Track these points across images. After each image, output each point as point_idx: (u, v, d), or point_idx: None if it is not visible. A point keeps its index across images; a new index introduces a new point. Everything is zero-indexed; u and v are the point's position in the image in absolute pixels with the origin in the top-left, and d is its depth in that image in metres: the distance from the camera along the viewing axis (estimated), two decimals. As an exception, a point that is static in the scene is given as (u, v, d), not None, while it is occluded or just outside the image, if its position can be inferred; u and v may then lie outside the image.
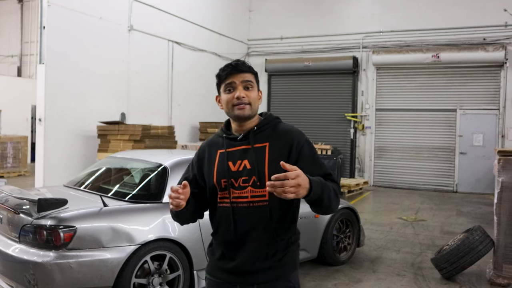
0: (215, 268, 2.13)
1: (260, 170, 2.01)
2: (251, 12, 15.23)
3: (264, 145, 2.07)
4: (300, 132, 2.14)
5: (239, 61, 2.14)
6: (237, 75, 2.07)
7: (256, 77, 2.13)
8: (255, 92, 2.09)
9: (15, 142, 13.72)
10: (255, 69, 2.16)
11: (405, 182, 13.21)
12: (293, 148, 2.05)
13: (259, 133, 2.09)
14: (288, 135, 2.09)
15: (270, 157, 2.03)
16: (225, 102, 2.09)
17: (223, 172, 2.07)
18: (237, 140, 2.10)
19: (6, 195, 4.10)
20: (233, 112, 2.06)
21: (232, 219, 2.03)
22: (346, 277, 5.19)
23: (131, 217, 3.97)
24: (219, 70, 2.13)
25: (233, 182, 2.05)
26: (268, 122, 2.14)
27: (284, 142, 2.07)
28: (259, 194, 2.02)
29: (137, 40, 10.33)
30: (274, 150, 2.05)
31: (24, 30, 19.31)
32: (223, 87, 2.10)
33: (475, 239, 5.01)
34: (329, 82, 14.16)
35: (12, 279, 3.74)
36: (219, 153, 2.12)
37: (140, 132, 8.68)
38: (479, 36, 12.32)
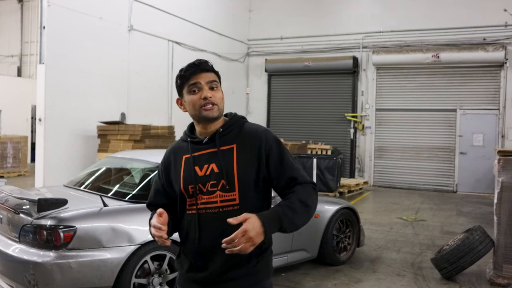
0: (186, 280, 2.02)
1: (229, 173, 1.93)
2: (251, 12, 15.23)
3: (231, 147, 1.99)
4: (267, 131, 2.06)
5: (202, 60, 2.04)
6: (201, 74, 1.99)
7: (219, 76, 2.05)
8: (220, 93, 2.02)
9: (15, 142, 13.72)
10: (255, 69, 2.15)
11: (405, 182, 13.21)
12: (261, 149, 1.97)
13: (225, 134, 2.01)
14: (256, 135, 2.01)
15: (239, 159, 1.96)
16: (190, 103, 1.99)
17: (190, 178, 1.98)
18: (202, 143, 2.02)
19: (6, 195, 4.10)
20: (200, 113, 1.97)
21: (197, 227, 1.94)
22: (346, 277, 5.19)
23: (131, 217, 3.96)
24: (180, 71, 2.03)
25: (201, 187, 1.96)
26: (234, 122, 2.06)
27: (252, 142, 1.99)
28: (229, 198, 1.93)
29: (137, 40, 10.33)
30: (242, 152, 1.97)
31: (24, 30, 19.31)
32: (186, 88, 1.99)
33: (475, 239, 5.00)
34: (329, 82, 14.17)
35: (12, 279, 3.74)
36: (185, 159, 2.04)
37: (140, 132, 8.68)
38: (479, 36, 12.32)
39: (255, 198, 1.97)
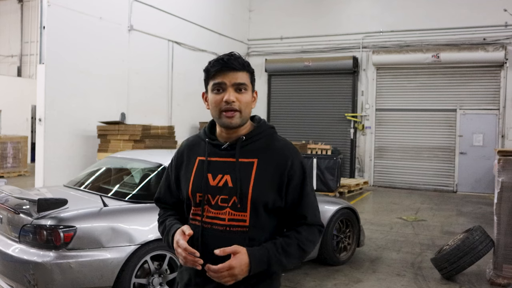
0: None
1: (243, 190, 1.72)
2: (251, 12, 15.24)
3: (252, 161, 1.75)
4: (296, 152, 1.82)
5: (232, 55, 1.77)
6: (228, 73, 1.74)
7: (251, 76, 1.82)
8: (248, 96, 1.77)
9: (15, 142, 13.72)
10: (255, 69, 1.92)
11: (405, 182, 13.21)
12: (285, 172, 1.75)
13: (248, 144, 1.78)
14: (283, 153, 1.77)
15: (257, 176, 1.73)
16: (212, 103, 1.77)
17: (200, 185, 1.78)
18: (221, 149, 1.80)
19: (6, 195, 4.10)
20: (219, 118, 1.76)
21: (200, 242, 1.74)
22: (346, 277, 5.18)
23: (131, 217, 3.97)
24: (208, 63, 1.82)
25: (210, 198, 1.76)
26: (261, 132, 1.82)
27: (277, 162, 1.75)
28: (239, 218, 1.73)
29: (137, 40, 10.33)
30: (263, 169, 1.74)
31: (24, 30, 19.31)
32: (210, 85, 1.78)
33: (475, 239, 5.00)
34: (329, 82, 14.16)
35: (12, 279, 3.74)
36: (198, 161, 1.83)
37: (140, 132, 8.68)
38: (479, 36, 12.32)
39: (267, 222, 1.76)
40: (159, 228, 1.96)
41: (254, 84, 1.84)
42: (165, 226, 1.89)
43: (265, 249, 1.70)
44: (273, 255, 1.70)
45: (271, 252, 1.70)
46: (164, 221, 1.93)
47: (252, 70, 1.82)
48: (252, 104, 1.82)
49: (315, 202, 1.84)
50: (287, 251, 1.73)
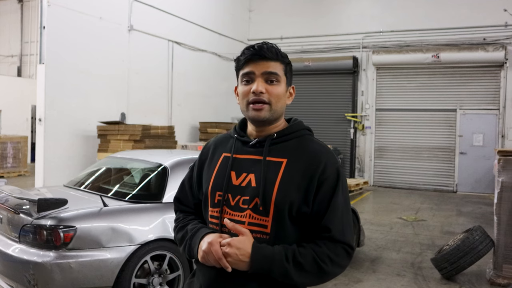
0: None
1: (267, 192, 1.54)
2: (251, 12, 15.24)
3: (281, 161, 1.58)
4: (332, 156, 1.61)
5: (266, 44, 1.60)
6: (258, 63, 1.58)
7: (286, 67, 1.64)
8: (280, 88, 1.60)
9: (15, 142, 13.72)
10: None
11: (405, 182, 13.21)
12: (315, 176, 1.55)
13: (279, 143, 1.62)
14: (316, 156, 1.58)
15: (284, 178, 1.55)
16: (240, 95, 1.63)
17: (221, 183, 1.62)
18: (249, 145, 1.64)
19: (6, 195, 4.10)
20: (247, 111, 1.61)
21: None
22: (346, 277, 5.18)
23: (131, 217, 3.96)
24: (241, 52, 1.65)
25: (230, 198, 1.60)
26: (294, 131, 1.66)
27: (309, 164, 1.56)
28: (260, 223, 1.55)
29: (137, 40, 10.33)
30: (292, 171, 1.56)
31: (24, 30, 19.32)
32: (240, 75, 1.64)
33: (475, 239, 5.01)
34: (329, 82, 14.16)
35: (12, 279, 3.74)
36: (223, 157, 1.68)
37: (140, 132, 8.68)
38: (479, 36, 12.32)
39: (291, 232, 1.56)
40: (178, 234, 1.73)
41: (290, 77, 1.67)
42: (187, 231, 1.68)
43: (272, 250, 1.50)
44: (278, 259, 1.48)
45: (277, 255, 1.49)
46: (185, 226, 1.71)
47: (287, 61, 1.65)
48: (288, 100, 1.67)
49: (347, 218, 1.59)
50: (297, 261, 1.49)
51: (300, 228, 1.58)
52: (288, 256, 1.49)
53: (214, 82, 13.28)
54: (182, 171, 4.41)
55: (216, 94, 13.41)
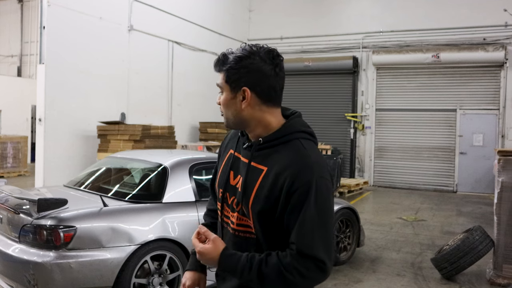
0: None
1: (246, 197, 1.58)
2: (251, 12, 15.24)
3: (262, 169, 1.57)
4: (311, 167, 1.51)
5: (221, 55, 1.62)
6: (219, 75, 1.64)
7: (228, 73, 1.58)
8: (224, 96, 1.62)
9: (15, 142, 13.72)
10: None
11: (405, 182, 13.21)
12: (284, 188, 1.50)
13: (265, 148, 1.60)
14: (292, 166, 1.51)
15: (260, 187, 1.55)
16: None
17: (223, 181, 1.70)
18: (244, 147, 1.67)
19: (6, 195, 4.10)
20: None
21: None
22: (346, 277, 5.18)
23: (131, 217, 3.97)
24: None
25: (227, 197, 1.66)
26: (283, 135, 1.59)
27: (282, 176, 1.51)
28: (245, 224, 1.61)
29: (137, 40, 10.33)
30: (267, 181, 1.54)
31: (24, 30, 19.31)
32: None
33: (475, 239, 5.01)
34: (329, 82, 14.16)
35: (12, 279, 3.74)
36: (229, 153, 1.73)
37: (140, 132, 8.68)
38: (479, 36, 12.32)
39: (276, 231, 1.56)
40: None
41: (237, 80, 1.58)
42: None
43: (237, 260, 1.53)
44: (240, 270, 1.51)
45: (240, 266, 1.51)
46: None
47: (227, 67, 1.58)
48: (242, 104, 1.58)
49: (319, 232, 1.49)
50: (261, 272, 1.49)
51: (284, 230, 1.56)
52: (252, 267, 1.50)
53: (214, 82, 13.05)
54: (182, 171, 4.41)
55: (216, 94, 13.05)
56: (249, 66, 1.56)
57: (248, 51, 1.57)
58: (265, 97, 1.58)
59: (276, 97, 1.61)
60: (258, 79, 1.56)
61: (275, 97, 1.60)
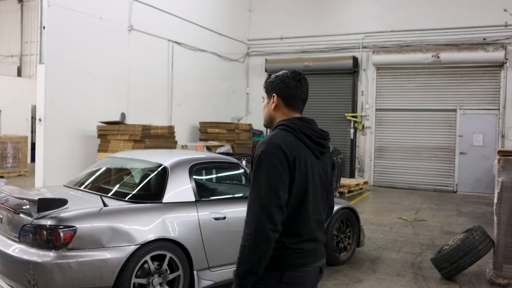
0: None
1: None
2: (251, 12, 15.23)
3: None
4: (262, 143, 2.04)
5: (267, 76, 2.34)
6: None
7: (267, 87, 2.23)
8: (264, 103, 2.26)
9: (15, 142, 13.72)
10: (255, 69, 2.19)
11: (405, 182, 13.20)
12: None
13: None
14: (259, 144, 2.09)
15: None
16: None
17: None
18: None
19: (6, 195, 4.10)
20: None
21: None
22: (346, 277, 5.19)
23: (131, 217, 3.96)
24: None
25: None
26: (274, 128, 2.18)
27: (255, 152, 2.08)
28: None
29: (137, 40, 10.33)
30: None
31: (24, 30, 19.31)
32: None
33: (475, 239, 5.01)
34: (329, 82, 14.16)
35: (12, 279, 3.74)
36: None
37: (140, 132, 8.68)
38: (479, 36, 12.31)
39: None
40: None
41: (271, 91, 2.21)
42: None
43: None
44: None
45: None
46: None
47: (265, 84, 2.25)
48: (268, 107, 2.23)
49: (258, 198, 1.92)
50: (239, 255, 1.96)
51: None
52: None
53: (214, 82, 13.27)
54: (182, 171, 4.41)
55: (216, 94, 13.41)
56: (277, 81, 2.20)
57: (281, 72, 2.22)
58: (287, 102, 2.19)
59: (296, 103, 2.22)
60: (283, 89, 2.18)
61: (295, 103, 2.21)
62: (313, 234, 2.08)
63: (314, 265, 2.08)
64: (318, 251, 2.13)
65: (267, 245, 1.90)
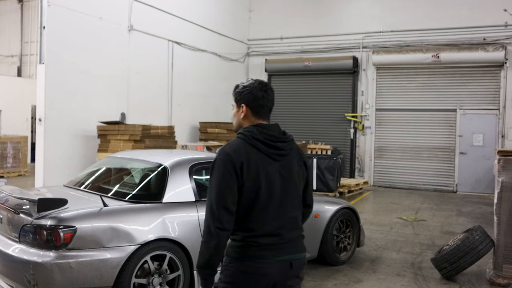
0: None
1: None
2: (251, 12, 15.23)
3: None
4: (217, 152, 2.27)
5: (235, 86, 2.49)
6: None
7: (235, 97, 2.44)
8: (233, 112, 2.47)
9: (15, 142, 13.72)
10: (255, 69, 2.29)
11: (405, 182, 13.21)
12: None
13: None
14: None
15: None
16: None
17: None
18: None
19: (6, 195, 4.10)
20: None
21: None
22: (346, 277, 5.19)
23: (131, 217, 3.96)
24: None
25: None
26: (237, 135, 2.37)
27: None
28: None
29: (137, 40, 10.33)
30: None
31: (24, 30, 19.31)
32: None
33: (475, 239, 5.01)
34: (329, 82, 14.16)
35: (12, 279, 3.74)
36: None
37: (140, 132, 8.68)
38: (479, 36, 12.32)
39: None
40: None
41: (240, 101, 2.40)
42: None
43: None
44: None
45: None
46: None
47: (234, 94, 2.44)
48: (237, 115, 2.42)
49: (209, 201, 2.17)
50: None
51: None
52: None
53: (214, 82, 13.27)
54: (182, 171, 4.41)
55: (216, 94, 13.40)
56: (246, 91, 2.37)
57: (248, 82, 2.40)
58: (255, 111, 2.36)
59: (263, 112, 2.36)
60: (251, 100, 2.35)
61: (262, 112, 2.36)
62: (273, 231, 2.23)
63: (276, 259, 2.21)
64: (283, 246, 2.26)
65: (216, 242, 2.12)
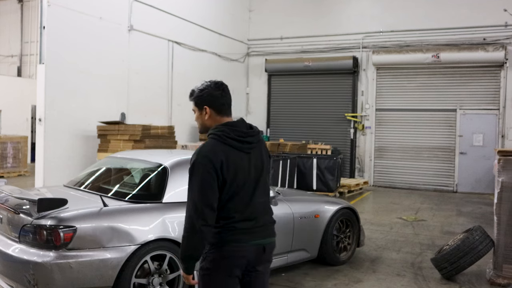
0: None
1: None
2: (251, 12, 15.24)
3: None
4: (194, 154, 2.39)
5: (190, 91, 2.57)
6: None
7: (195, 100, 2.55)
8: (196, 114, 2.59)
9: (15, 142, 13.72)
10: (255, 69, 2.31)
11: (405, 182, 13.21)
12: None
13: None
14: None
15: None
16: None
17: None
18: None
19: (6, 195, 4.10)
20: None
21: None
22: (346, 277, 5.19)
23: (131, 217, 3.96)
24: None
25: None
26: (207, 135, 2.50)
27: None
28: None
29: (137, 40, 10.33)
30: None
31: (24, 30, 19.31)
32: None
33: (475, 239, 5.01)
34: (329, 82, 14.16)
35: (12, 279, 3.74)
36: None
37: (140, 132, 8.68)
38: (479, 36, 12.32)
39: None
40: None
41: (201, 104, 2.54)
42: None
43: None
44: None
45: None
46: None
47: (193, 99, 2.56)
48: (201, 118, 2.56)
49: (192, 201, 2.34)
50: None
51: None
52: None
53: (214, 82, 13.25)
54: (182, 171, 4.41)
55: (216, 94, 13.38)
56: (205, 94, 2.51)
57: (204, 85, 2.53)
58: (218, 110, 2.52)
59: (225, 110, 2.53)
60: (212, 101, 2.51)
61: (224, 109, 2.53)
62: (249, 216, 2.42)
63: (252, 242, 2.41)
64: (257, 230, 2.45)
65: (200, 237, 2.33)
